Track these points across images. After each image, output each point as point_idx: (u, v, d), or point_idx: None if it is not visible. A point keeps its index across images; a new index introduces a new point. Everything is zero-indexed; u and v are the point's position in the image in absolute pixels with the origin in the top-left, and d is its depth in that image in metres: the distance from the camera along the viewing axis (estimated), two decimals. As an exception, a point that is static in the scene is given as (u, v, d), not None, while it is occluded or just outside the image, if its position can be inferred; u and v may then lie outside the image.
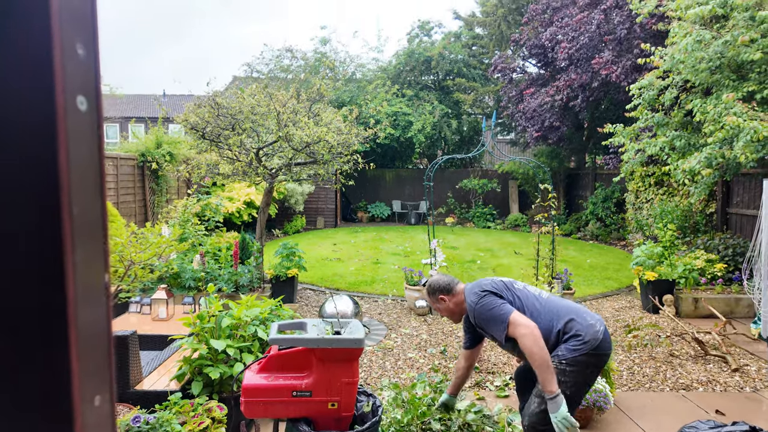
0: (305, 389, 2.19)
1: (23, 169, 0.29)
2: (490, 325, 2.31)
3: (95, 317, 0.33)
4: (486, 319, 2.32)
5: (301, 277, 6.95)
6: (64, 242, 0.29)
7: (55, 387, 0.31)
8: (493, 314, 2.29)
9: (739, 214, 7.74)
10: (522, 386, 2.65)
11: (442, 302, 2.53)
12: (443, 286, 2.55)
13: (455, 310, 2.54)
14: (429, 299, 2.60)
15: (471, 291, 2.44)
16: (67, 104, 0.31)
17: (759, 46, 4.96)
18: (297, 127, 5.53)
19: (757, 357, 4.42)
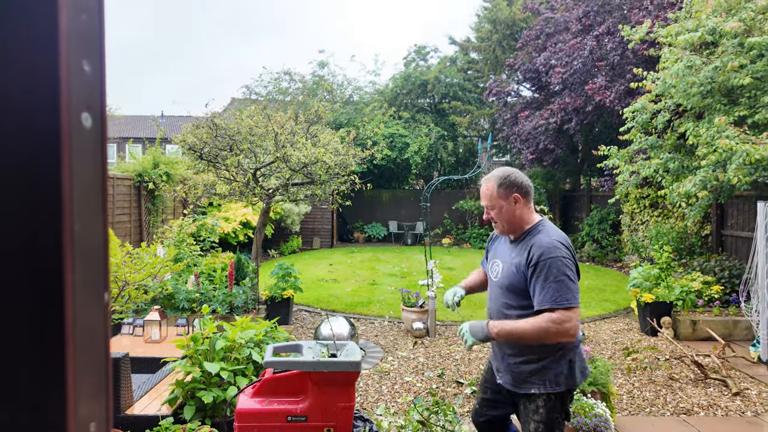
0: (300, 414, 2.14)
1: (25, 181, 0.28)
2: (548, 285, 1.83)
3: (94, 338, 0.32)
4: (556, 278, 1.83)
5: (297, 299, 6.88)
6: (64, 259, 0.28)
7: (49, 409, 0.30)
8: (567, 284, 1.83)
9: (734, 236, 7.78)
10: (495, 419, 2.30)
11: (512, 202, 2.00)
12: (526, 184, 2.04)
13: (514, 221, 2.02)
14: (496, 191, 2.00)
15: (559, 235, 1.97)
16: (71, 120, 0.30)
17: (748, 72, 5.08)
18: (295, 148, 5.57)
19: (758, 380, 4.37)
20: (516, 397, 2.11)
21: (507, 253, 2.09)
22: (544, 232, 1.99)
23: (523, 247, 2.00)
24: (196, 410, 2.76)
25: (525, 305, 1.95)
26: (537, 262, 1.88)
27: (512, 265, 2.01)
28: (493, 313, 2.15)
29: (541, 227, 2.03)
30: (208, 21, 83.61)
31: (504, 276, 2.05)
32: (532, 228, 2.04)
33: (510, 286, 2.01)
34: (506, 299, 2.04)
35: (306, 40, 67.31)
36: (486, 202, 2.07)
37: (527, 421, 2.04)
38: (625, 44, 8.72)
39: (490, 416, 2.30)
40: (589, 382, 3.35)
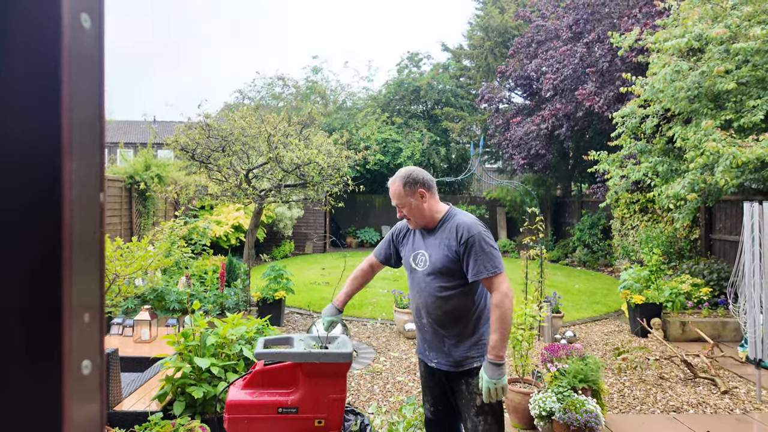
0: (291, 405, 2.13)
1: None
2: (480, 257, 2.00)
3: (90, 335, 0.33)
4: (484, 250, 2.01)
5: (289, 301, 6.85)
6: (63, 251, 0.29)
7: (42, 408, 0.31)
8: (493, 253, 2.03)
9: (722, 240, 7.88)
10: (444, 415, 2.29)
11: (419, 198, 2.13)
12: (428, 179, 2.18)
13: (425, 215, 2.16)
14: (402, 190, 2.13)
15: (472, 218, 2.14)
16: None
17: (734, 77, 5.18)
18: (287, 149, 5.57)
19: (746, 379, 4.41)
20: (455, 380, 2.16)
21: (430, 242, 2.18)
22: (460, 215, 2.16)
23: (446, 232, 2.14)
24: (186, 406, 2.74)
25: (457, 284, 2.09)
26: (467, 239, 2.04)
27: (441, 249, 2.11)
28: (421, 302, 2.18)
29: (454, 212, 2.20)
30: (203, 28, 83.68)
31: (435, 261, 2.13)
32: (446, 215, 2.19)
33: (443, 269, 2.10)
34: (439, 283, 2.12)
35: (300, 45, 67.56)
36: (396, 201, 2.19)
37: (472, 398, 2.09)
38: (614, 51, 8.87)
39: (443, 418, 2.30)
40: (580, 379, 3.37)
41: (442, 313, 2.13)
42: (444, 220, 2.20)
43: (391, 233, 2.45)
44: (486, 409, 2.09)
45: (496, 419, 2.12)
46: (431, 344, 2.20)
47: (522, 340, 3.53)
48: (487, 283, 2.04)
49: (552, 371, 3.52)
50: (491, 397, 1.97)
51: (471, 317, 2.14)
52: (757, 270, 3.98)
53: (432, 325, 2.17)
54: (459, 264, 2.08)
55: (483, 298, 2.17)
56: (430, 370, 2.28)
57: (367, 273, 2.47)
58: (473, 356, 2.11)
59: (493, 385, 1.95)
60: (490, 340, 2.00)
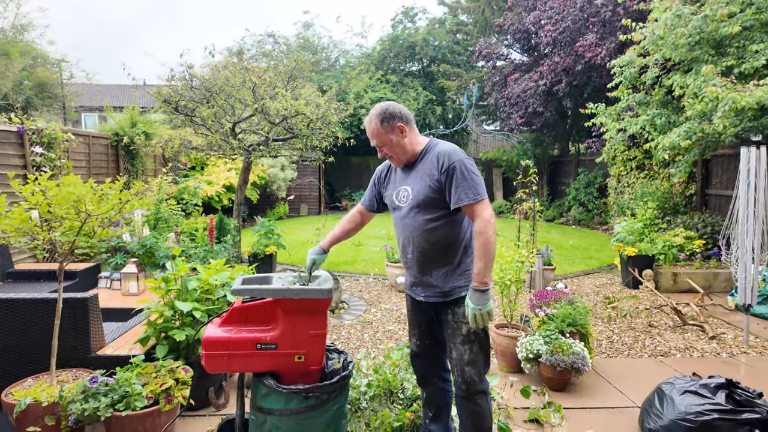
0: (270, 342, 2.09)
1: None
2: (461, 184, 1.94)
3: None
4: (465, 177, 1.94)
5: (282, 258, 6.83)
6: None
7: None
8: (475, 180, 1.96)
9: (718, 194, 7.82)
10: (430, 345, 2.27)
11: (399, 133, 2.05)
12: (405, 113, 2.09)
13: (407, 150, 2.08)
14: (380, 128, 2.04)
15: (453, 146, 2.06)
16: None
17: (738, 20, 4.96)
18: (274, 100, 5.39)
19: (734, 326, 4.44)
20: (442, 311, 2.12)
21: (412, 176, 2.10)
22: (441, 144, 2.08)
23: (427, 162, 2.06)
24: (170, 350, 2.71)
25: (441, 214, 2.03)
26: (449, 167, 1.98)
27: (423, 180, 2.04)
28: (407, 236, 2.11)
29: (435, 142, 2.12)
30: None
31: (418, 193, 2.04)
32: (427, 146, 2.11)
33: (427, 199, 2.02)
34: (425, 215, 2.06)
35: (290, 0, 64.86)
36: (375, 141, 2.10)
37: (458, 327, 2.06)
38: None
39: (428, 352, 2.27)
40: (569, 323, 3.36)
41: (429, 245, 2.08)
42: (425, 152, 2.12)
43: (374, 178, 2.37)
44: (472, 338, 2.07)
45: (481, 347, 2.10)
46: (418, 278, 2.16)
47: (510, 285, 3.50)
48: (469, 210, 1.97)
49: (540, 316, 3.51)
50: (477, 323, 1.94)
51: (458, 247, 2.09)
52: (751, 216, 3.92)
53: (419, 258, 2.11)
54: (442, 193, 2.02)
55: (469, 227, 2.11)
56: (417, 304, 2.25)
57: (356, 220, 2.41)
58: (461, 285, 2.08)
59: (479, 311, 1.92)
60: (474, 267, 1.95)
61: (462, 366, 2.06)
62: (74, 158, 6.60)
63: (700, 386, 2.40)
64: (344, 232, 2.41)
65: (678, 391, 2.43)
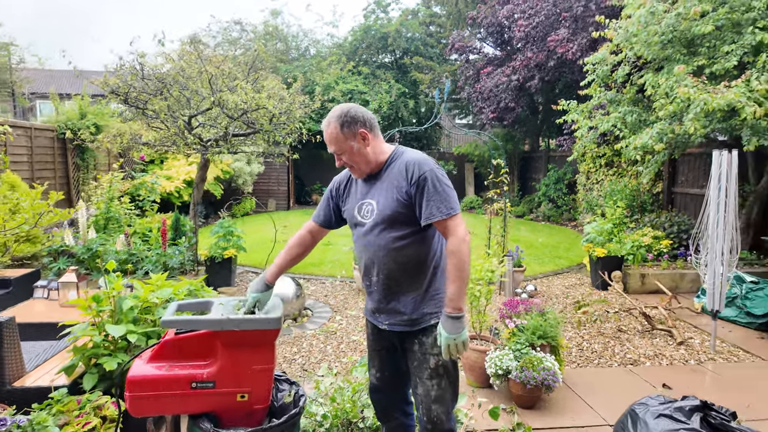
0: (207, 379, 1.83)
1: None
2: (432, 198, 1.74)
3: None
4: (437, 189, 1.74)
5: (244, 260, 6.50)
6: None
7: None
8: (447, 192, 1.76)
9: (684, 193, 7.91)
10: (392, 379, 2.06)
11: (361, 140, 1.82)
12: (369, 117, 1.86)
13: (370, 159, 1.85)
14: (339, 134, 1.81)
15: (422, 155, 1.85)
16: None
17: (710, 19, 4.90)
18: (233, 93, 5.03)
19: (701, 330, 4.43)
20: (408, 340, 1.89)
21: (377, 188, 1.87)
22: (408, 153, 1.87)
23: (394, 172, 1.84)
24: (100, 379, 2.41)
25: (410, 231, 1.82)
26: (419, 178, 1.77)
27: (390, 193, 1.81)
28: (371, 257, 1.87)
29: (402, 150, 1.90)
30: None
31: (383, 208, 1.82)
32: (393, 155, 1.89)
33: (394, 214, 1.80)
34: (390, 232, 1.82)
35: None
36: (333, 147, 1.86)
37: (425, 360, 1.84)
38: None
39: (390, 384, 2.06)
40: (539, 335, 3.22)
41: (396, 266, 1.84)
42: (391, 161, 1.88)
43: (330, 189, 2.10)
44: (440, 372, 1.84)
45: (450, 382, 1.89)
46: (383, 304, 1.91)
47: (480, 296, 3.33)
48: (441, 226, 1.76)
49: (510, 327, 3.36)
50: (451, 353, 1.72)
51: (428, 268, 1.86)
52: (722, 221, 3.87)
53: (384, 281, 1.87)
54: (411, 208, 1.79)
55: (441, 246, 1.89)
56: (379, 332, 2.01)
57: (306, 241, 2.11)
58: (431, 312, 1.85)
59: (453, 340, 1.70)
60: (447, 292, 1.73)
61: (428, 403, 1.84)
62: (14, 153, 6.06)
63: (674, 410, 2.27)
64: (292, 258, 2.11)
65: (652, 414, 2.30)
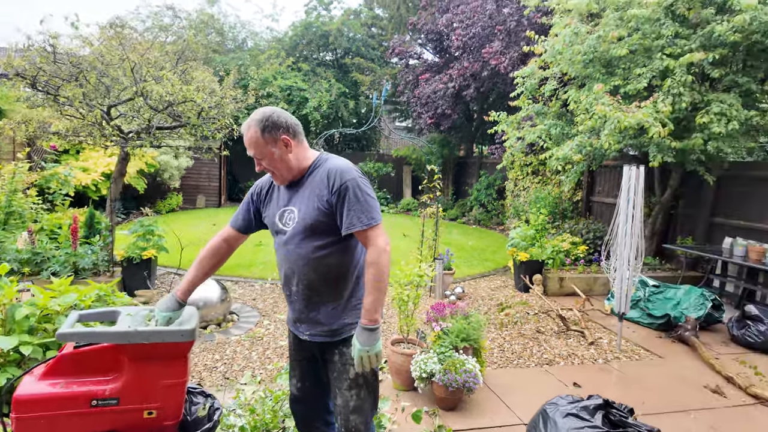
0: (110, 396, 1.70)
1: None
2: (353, 207, 1.72)
3: None
4: (358, 199, 1.73)
5: (166, 260, 6.14)
6: None
7: None
8: (369, 202, 1.74)
9: (600, 202, 8.56)
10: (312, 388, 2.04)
11: (283, 147, 1.77)
12: (293, 123, 1.81)
13: (292, 166, 1.81)
14: (260, 138, 1.74)
15: (345, 162, 1.82)
16: None
17: (625, 43, 5.34)
18: (158, 83, 4.73)
19: (609, 330, 4.80)
20: (329, 351, 1.88)
21: (299, 195, 1.84)
22: (332, 160, 1.85)
23: (316, 180, 1.81)
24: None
25: (332, 241, 1.80)
26: (340, 186, 1.75)
27: (312, 201, 1.79)
28: (291, 267, 1.83)
29: (326, 157, 1.88)
30: (78, -61, 70.48)
31: (305, 216, 1.79)
32: (316, 161, 1.87)
33: (315, 223, 1.78)
34: (311, 241, 1.80)
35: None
36: (253, 151, 1.79)
37: (345, 370, 1.84)
38: (522, 10, 8.87)
39: (311, 395, 2.04)
40: (462, 338, 3.33)
41: (317, 276, 1.81)
42: (314, 168, 1.85)
43: (251, 193, 2.04)
44: (360, 382, 1.84)
45: (369, 392, 1.89)
46: (304, 314, 1.88)
47: (408, 301, 3.38)
48: (362, 236, 1.76)
49: (436, 330, 3.45)
50: (364, 365, 1.72)
51: (350, 278, 1.85)
52: (629, 230, 4.22)
53: (304, 291, 1.84)
54: (332, 217, 1.77)
55: (362, 256, 1.88)
56: (300, 342, 1.98)
57: (221, 251, 2.03)
58: (352, 323, 1.85)
59: (367, 352, 1.71)
60: (364, 303, 1.73)
61: (347, 414, 1.84)
62: None
63: (580, 408, 2.44)
64: (205, 272, 2.01)
65: (561, 413, 2.45)
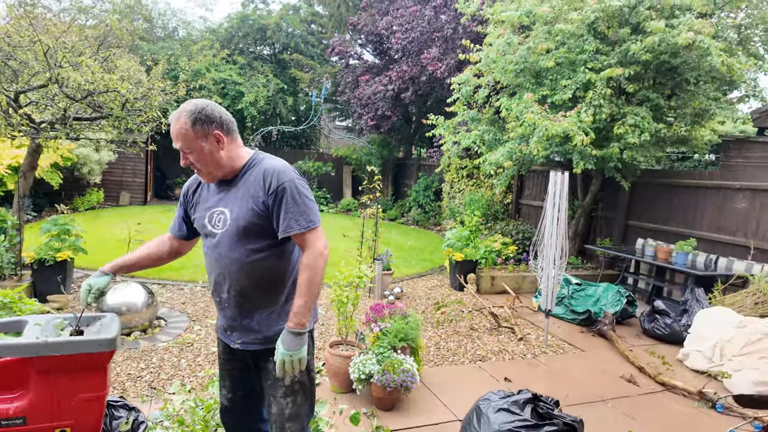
0: (15, 415, 1.53)
1: None
2: (291, 209, 1.67)
3: None
4: (296, 201, 1.67)
5: (84, 262, 5.66)
6: None
7: None
8: (308, 205, 1.70)
9: (528, 204, 9.06)
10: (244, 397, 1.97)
11: (214, 143, 1.69)
12: (227, 119, 1.73)
13: (223, 164, 1.72)
14: (190, 130, 1.64)
15: (283, 163, 1.76)
16: None
17: (552, 56, 5.68)
18: (76, 70, 4.34)
19: (537, 326, 5.09)
20: (262, 359, 1.82)
21: (231, 196, 1.75)
22: (268, 160, 1.78)
23: (251, 180, 1.74)
24: None
25: (267, 244, 1.74)
26: (277, 188, 1.68)
27: (246, 202, 1.71)
28: (223, 271, 1.75)
29: (261, 156, 1.81)
30: None
31: (238, 218, 1.71)
32: (251, 161, 1.79)
33: (249, 226, 1.71)
34: (244, 244, 1.74)
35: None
36: (180, 143, 1.68)
37: (281, 378, 1.77)
38: (458, 18, 9.16)
39: (243, 405, 1.97)
40: (401, 338, 3.37)
41: (250, 281, 1.74)
42: (248, 168, 1.78)
43: (182, 194, 1.94)
44: (296, 388, 1.80)
45: (306, 398, 1.85)
46: (236, 322, 1.80)
47: (347, 302, 3.37)
48: (300, 239, 1.70)
49: (375, 331, 3.46)
50: (285, 371, 1.66)
51: (286, 283, 1.80)
52: (555, 231, 4.49)
53: (236, 298, 1.76)
54: (268, 219, 1.71)
55: (299, 260, 1.81)
56: (231, 352, 1.89)
57: (167, 248, 1.97)
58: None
59: (290, 357, 1.65)
60: (294, 305, 1.67)
61: (282, 422, 1.79)
62: None
63: (511, 403, 2.56)
64: (144, 257, 1.93)
65: (493, 409, 2.56)
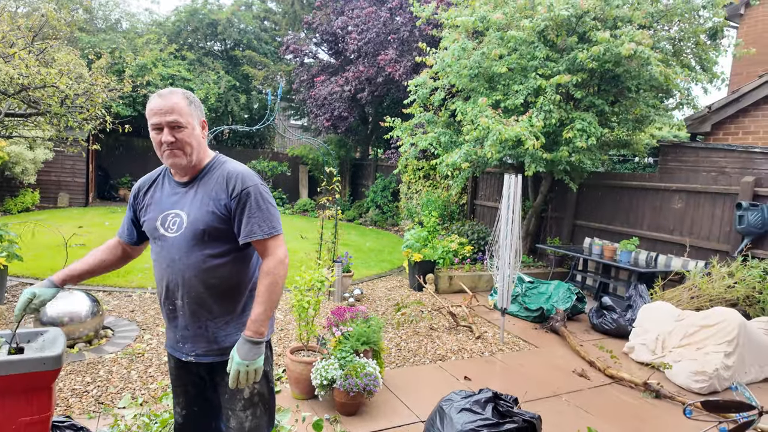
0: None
1: None
2: (254, 215, 1.63)
3: None
4: (260, 207, 1.64)
5: (20, 269, 5.25)
6: None
7: None
8: (271, 211, 1.67)
9: (483, 205, 9.30)
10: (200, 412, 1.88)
11: (201, 128, 1.71)
12: None
13: (201, 150, 1.70)
14: (187, 107, 1.64)
15: (245, 167, 1.74)
16: None
17: (506, 62, 5.86)
18: (8, 64, 4.01)
19: (493, 324, 5.23)
20: (219, 372, 1.74)
21: (188, 198, 1.69)
22: (230, 163, 1.76)
23: (212, 182, 1.69)
24: None
25: (227, 250, 1.68)
26: (241, 192, 1.65)
27: (206, 205, 1.65)
28: (176, 278, 1.67)
29: (223, 159, 1.78)
30: None
31: (196, 221, 1.64)
32: (213, 162, 1.75)
33: (209, 229, 1.65)
34: (207, 249, 1.66)
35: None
36: (175, 116, 1.60)
37: (238, 390, 1.70)
38: (414, 21, 9.25)
39: (199, 422, 1.88)
40: (363, 341, 3.36)
41: (206, 289, 1.66)
42: (209, 168, 1.72)
43: (131, 196, 1.86)
44: (255, 400, 1.74)
45: (266, 409, 1.80)
46: (189, 332, 1.71)
47: (308, 307, 3.31)
48: (261, 246, 1.66)
49: (337, 336, 3.43)
50: (239, 382, 1.59)
51: (243, 291, 1.73)
52: (509, 232, 4.64)
53: (191, 306, 1.67)
54: (229, 223, 1.65)
55: (258, 266, 1.76)
56: (184, 366, 1.79)
57: (116, 252, 1.87)
58: None
59: (245, 367, 1.58)
60: (252, 313, 1.61)
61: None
62: None
63: (473, 403, 2.61)
64: (98, 263, 1.81)
65: (456, 409, 2.60)
